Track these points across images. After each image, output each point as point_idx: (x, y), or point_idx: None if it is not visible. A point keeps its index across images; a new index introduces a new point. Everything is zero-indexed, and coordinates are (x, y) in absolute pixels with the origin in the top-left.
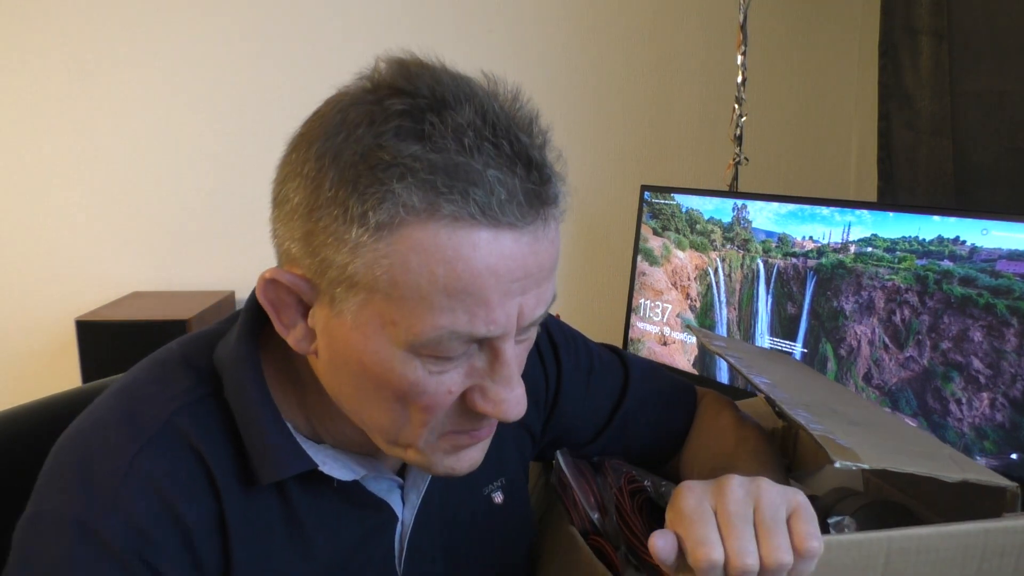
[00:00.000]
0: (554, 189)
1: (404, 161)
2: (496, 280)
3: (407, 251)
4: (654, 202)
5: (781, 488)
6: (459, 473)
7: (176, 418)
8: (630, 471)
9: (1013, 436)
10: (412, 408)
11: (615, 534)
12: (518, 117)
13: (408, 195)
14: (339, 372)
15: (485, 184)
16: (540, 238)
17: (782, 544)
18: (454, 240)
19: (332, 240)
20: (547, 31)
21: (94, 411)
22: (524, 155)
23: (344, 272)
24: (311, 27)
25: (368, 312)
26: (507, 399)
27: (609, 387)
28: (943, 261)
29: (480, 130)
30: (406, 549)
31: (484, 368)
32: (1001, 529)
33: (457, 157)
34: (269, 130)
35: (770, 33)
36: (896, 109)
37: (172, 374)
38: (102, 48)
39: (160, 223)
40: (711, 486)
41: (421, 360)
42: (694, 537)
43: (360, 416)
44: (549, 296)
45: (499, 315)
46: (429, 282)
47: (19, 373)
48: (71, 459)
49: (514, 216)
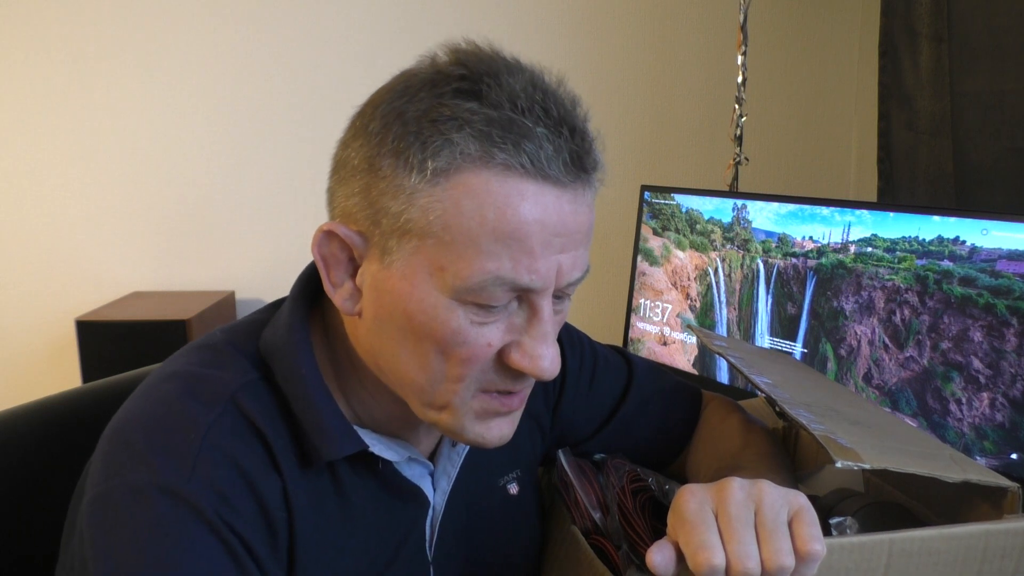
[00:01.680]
0: (595, 158)
1: (462, 115)
2: (540, 230)
3: (461, 196)
4: (654, 202)
5: (783, 490)
6: (488, 443)
7: (238, 397)
8: (633, 469)
9: (1013, 436)
10: (451, 360)
11: (616, 533)
12: (563, 93)
13: (465, 143)
14: (383, 328)
15: (535, 139)
16: (579, 200)
17: (783, 547)
18: (505, 187)
19: (391, 188)
20: (547, 31)
21: (149, 395)
22: (569, 121)
23: (399, 220)
24: (311, 28)
25: (418, 259)
26: (543, 355)
27: (612, 385)
28: (943, 261)
29: (531, 95)
30: (436, 535)
31: (522, 324)
32: (1002, 531)
33: (511, 114)
34: (269, 130)
35: (770, 33)
36: (896, 109)
37: (224, 359)
38: (102, 48)
39: (160, 223)
40: (712, 489)
41: (464, 309)
42: (695, 542)
43: (399, 375)
44: (584, 263)
45: (541, 265)
46: (479, 225)
47: (19, 373)
48: (138, 436)
49: (559, 172)
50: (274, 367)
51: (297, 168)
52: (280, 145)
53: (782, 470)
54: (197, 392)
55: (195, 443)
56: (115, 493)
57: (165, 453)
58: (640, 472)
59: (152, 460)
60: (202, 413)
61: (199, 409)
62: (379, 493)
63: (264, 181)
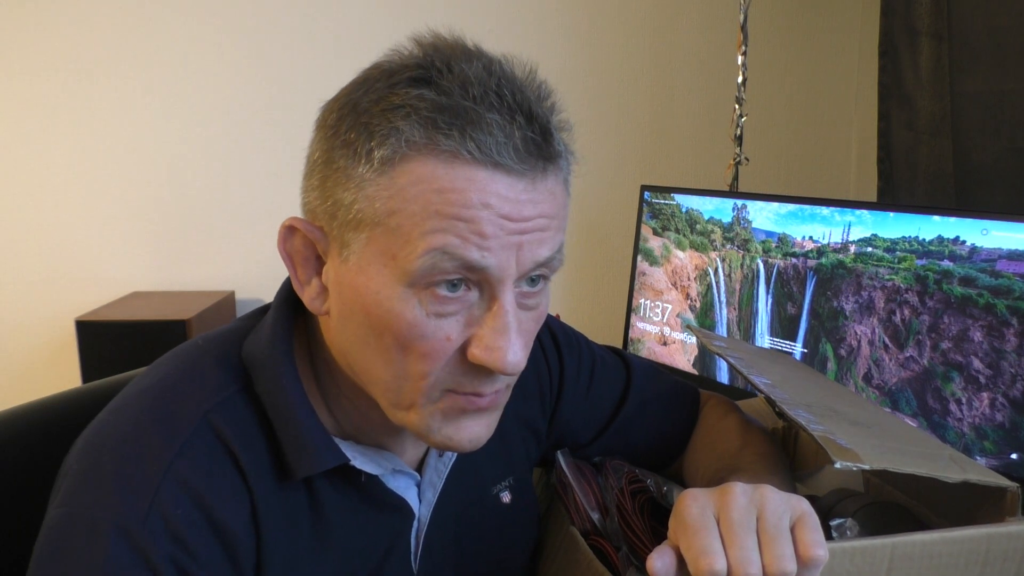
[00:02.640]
0: (555, 146)
1: (410, 102)
2: (489, 214)
3: (406, 184)
4: (654, 202)
5: (785, 495)
6: (460, 446)
7: (211, 416)
8: (632, 471)
9: (1013, 436)
10: (411, 355)
11: (616, 534)
12: (527, 81)
13: (411, 131)
14: (346, 325)
15: (484, 126)
16: (538, 187)
17: (785, 553)
18: (450, 174)
19: (343, 179)
20: (547, 31)
21: (123, 410)
22: (526, 108)
23: (350, 211)
24: (309, 29)
25: (371, 251)
26: (502, 347)
27: (611, 388)
28: (943, 261)
29: (485, 82)
30: (421, 546)
31: (482, 316)
32: (1004, 534)
33: (461, 101)
34: (269, 130)
35: (770, 33)
36: (896, 109)
37: (202, 371)
38: (102, 49)
39: (160, 223)
40: (714, 494)
41: (420, 298)
42: (696, 547)
43: (368, 374)
44: (551, 248)
45: (492, 244)
46: (423, 207)
47: (19, 373)
48: (106, 461)
49: (510, 159)
50: (255, 377)
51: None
52: (280, 145)
53: (781, 471)
54: (169, 412)
55: (157, 475)
56: (75, 522)
57: (128, 487)
58: (639, 473)
59: (114, 495)
60: (169, 439)
61: (167, 434)
62: (360, 507)
63: (264, 181)
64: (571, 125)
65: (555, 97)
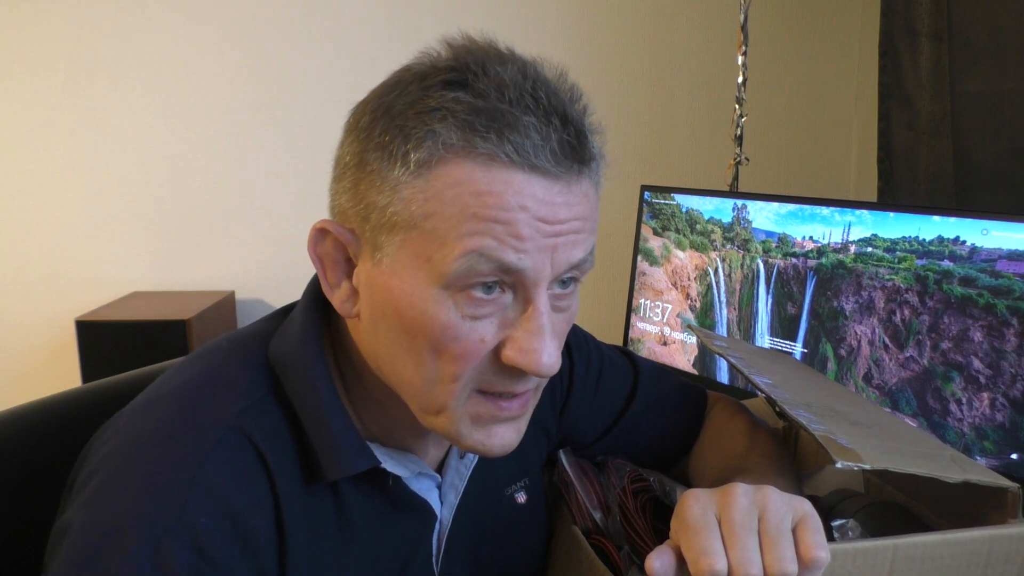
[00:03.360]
0: (589, 149)
1: (447, 105)
2: (526, 216)
3: (443, 186)
4: (654, 202)
5: (787, 497)
6: (491, 452)
7: (240, 421)
8: (634, 469)
9: (1013, 436)
10: (444, 357)
11: (617, 534)
12: (560, 83)
13: (447, 134)
14: (377, 328)
15: (521, 129)
16: (573, 189)
17: (786, 554)
18: (487, 176)
19: (377, 181)
20: (546, 31)
21: (151, 414)
22: (561, 110)
23: (385, 214)
24: (309, 29)
25: (405, 253)
26: (538, 348)
27: (618, 388)
28: (943, 261)
29: (521, 85)
30: (443, 548)
31: (516, 318)
32: (1006, 536)
33: (497, 103)
34: (269, 130)
35: (770, 33)
36: (896, 109)
37: (229, 373)
38: (102, 49)
39: (160, 223)
40: (716, 495)
41: (455, 301)
42: (697, 547)
43: (398, 377)
44: (584, 250)
45: (529, 247)
46: (460, 210)
47: (19, 373)
48: (134, 467)
49: (547, 162)
50: (285, 380)
51: (297, 168)
52: (280, 145)
53: (787, 473)
54: (197, 416)
55: (185, 483)
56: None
57: (156, 493)
58: (642, 472)
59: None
60: (197, 445)
61: (195, 440)
62: (385, 509)
63: (264, 181)
64: (603, 128)
65: (586, 99)
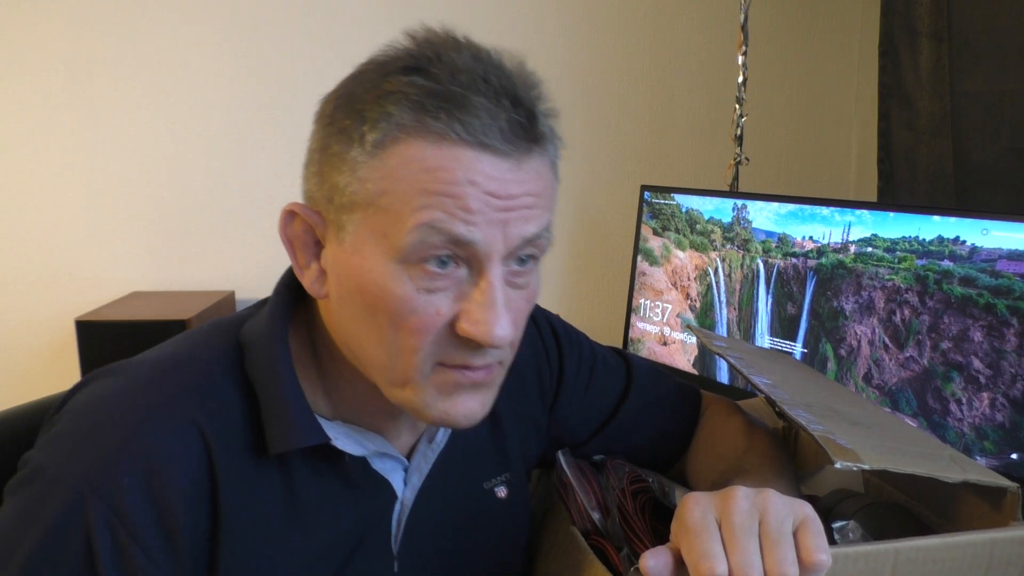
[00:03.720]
0: (540, 128)
1: (402, 88)
2: (475, 191)
3: (397, 164)
4: (654, 202)
5: (788, 500)
6: (455, 421)
7: (187, 393)
8: (633, 470)
9: (1013, 436)
10: (403, 331)
11: (617, 535)
12: (515, 68)
13: (401, 115)
14: (344, 307)
15: (471, 109)
16: (523, 167)
17: (787, 557)
18: (438, 154)
19: (338, 163)
20: (546, 31)
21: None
22: (512, 92)
23: (345, 194)
24: (309, 28)
25: (364, 231)
26: (490, 320)
27: (612, 386)
28: (943, 261)
29: (473, 69)
30: (403, 530)
31: (470, 292)
32: (1008, 539)
33: (449, 86)
34: (269, 130)
35: (770, 33)
36: (896, 109)
37: (196, 352)
38: (102, 49)
39: (160, 223)
40: (716, 498)
41: (410, 275)
42: (698, 550)
43: (364, 354)
44: (538, 226)
45: (478, 219)
46: (412, 186)
47: (19, 373)
48: (86, 422)
49: (495, 140)
50: (247, 357)
51: (297, 168)
52: (280, 145)
53: (786, 473)
54: (152, 387)
55: (119, 444)
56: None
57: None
58: (640, 473)
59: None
60: (141, 412)
61: (142, 404)
62: (340, 489)
63: (264, 181)
64: (558, 112)
65: (543, 87)
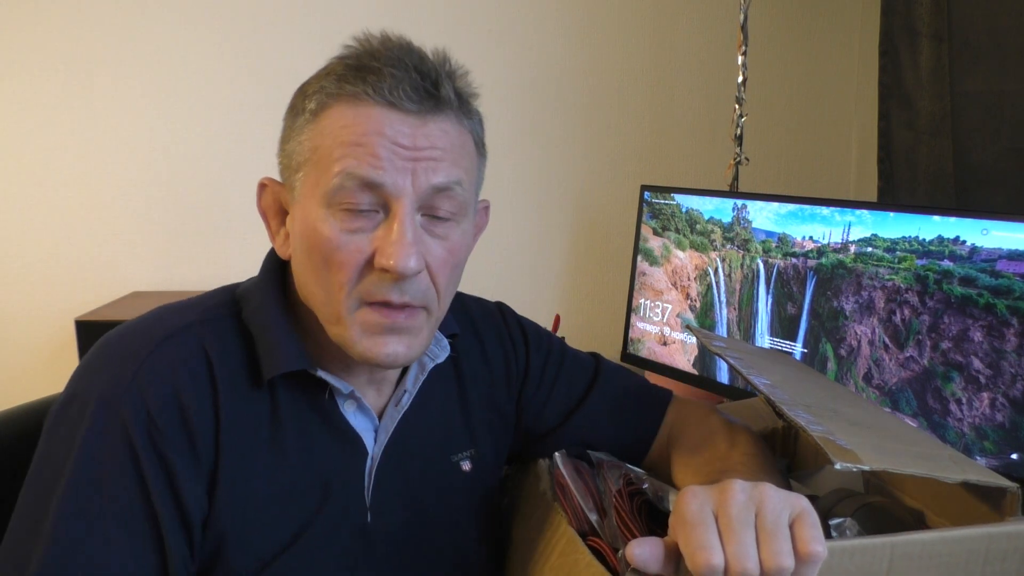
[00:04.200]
0: (446, 95)
1: (332, 67)
2: (382, 140)
3: (326, 125)
4: (654, 202)
5: (784, 493)
6: (377, 359)
7: (195, 325)
8: (628, 472)
9: (1013, 436)
10: (331, 268)
11: (614, 535)
12: (435, 54)
13: (329, 86)
14: (298, 259)
15: (380, 74)
16: (428, 125)
17: (783, 548)
18: (354, 112)
19: (290, 134)
20: (547, 31)
21: (129, 323)
22: (420, 66)
23: (293, 157)
24: (309, 29)
25: (306, 186)
26: (399, 252)
27: (578, 379)
28: (943, 261)
29: (392, 51)
30: (373, 482)
31: (385, 233)
32: (1004, 534)
33: (368, 62)
34: (269, 130)
35: (770, 33)
36: (896, 109)
37: (202, 300)
38: (101, 48)
39: (160, 223)
40: (713, 491)
41: (336, 218)
42: (694, 542)
43: (312, 297)
44: (447, 177)
45: (386, 165)
46: (334, 139)
47: (19, 373)
48: (103, 350)
49: (401, 99)
50: (244, 306)
51: None
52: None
53: (771, 469)
54: (161, 321)
55: (139, 359)
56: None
57: (115, 366)
58: (635, 476)
59: (103, 373)
60: (157, 333)
61: (157, 329)
62: (319, 428)
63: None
64: (477, 92)
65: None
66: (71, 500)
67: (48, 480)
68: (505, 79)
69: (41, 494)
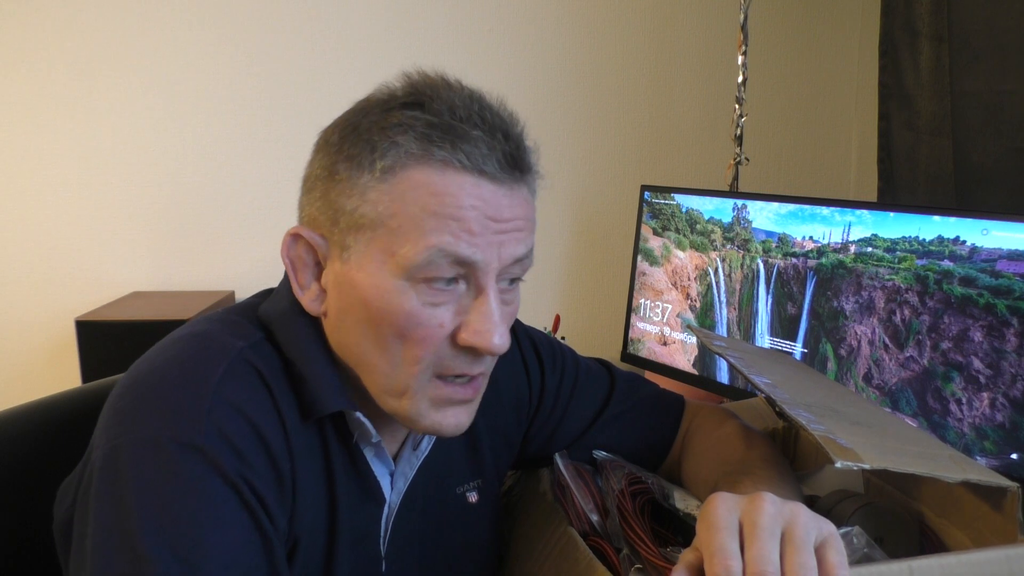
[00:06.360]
0: (527, 161)
1: (407, 121)
2: (476, 214)
3: (405, 189)
4: (654, 202)
5: (815, 515)
6: (445, 431)
7: (246, 353)
8: (631, 472)
9: (1013, 436)
10: (408, 342)
11: (615, 535)
12: (500, 108)
13: (408, 144)
14: (345, 321)
15: (471, 140)
16: (515, 194)
17: (808, 563)
18: (443, 179)
19: (346, 189)
20: (547, 31)
21: (160, 355)
22: (503, 128)
23: (353, 216)
24: (310, 30)
25: (372, 250)
26: (490, 330)
27: (594, 395)
28: (943, 261)
29: (468, 106)
30: (390, 531)
31: (470, 305)
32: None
33: (450, 120)
34: (269, 131)
35: (770, 33)
36: (896, 109)
37: (229, 323)
38: (102, 48)
39: (160, 223)
40: (743, 499)
41: (416, 290)
42: (713, 546)
43: (365, 365)
44: (526, 247)
45: (480, 241)
46: (421, 209)
47: (19, 373)
48: (150, 393)
49: (493, 169)
50: (276, 331)
51: (297, 169)
52: (280, 145)
53: (788, 475)
54: (207, 349)
55: (206, 398)
56: (133, 446)
57: (178, 409)
58: (639, 475)
59: (166, 415)
60: (212, 368)
61: (209, 365)
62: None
63: (264, 181)
64: (538, 148)
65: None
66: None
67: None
68: (505, 79)
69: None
